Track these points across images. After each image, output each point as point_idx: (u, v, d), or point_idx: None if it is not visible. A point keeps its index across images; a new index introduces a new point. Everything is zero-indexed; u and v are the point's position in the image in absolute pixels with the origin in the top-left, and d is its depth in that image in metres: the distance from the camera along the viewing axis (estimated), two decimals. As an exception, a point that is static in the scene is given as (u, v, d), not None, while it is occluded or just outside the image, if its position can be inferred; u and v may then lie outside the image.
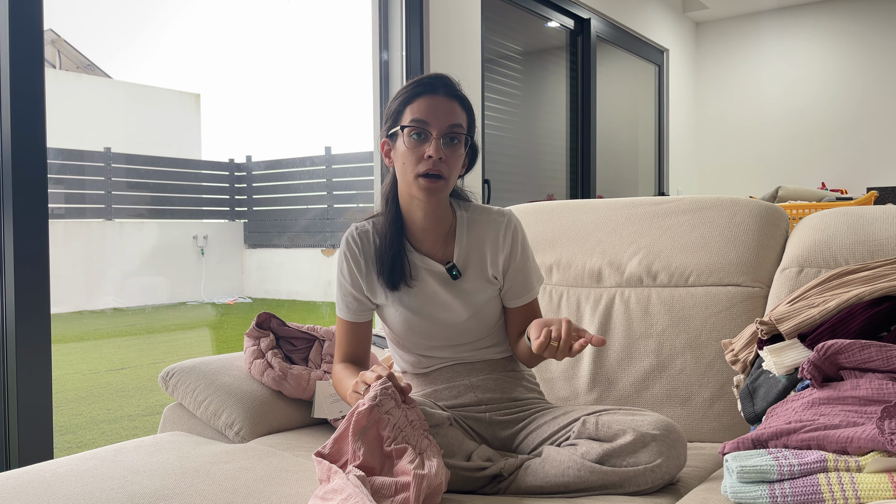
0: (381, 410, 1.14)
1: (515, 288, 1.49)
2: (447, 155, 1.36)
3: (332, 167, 6.00)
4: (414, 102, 1.37)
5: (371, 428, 1.13)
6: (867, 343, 1.15)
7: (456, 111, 1.38)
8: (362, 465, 1.10)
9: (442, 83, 1.39)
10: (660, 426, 1.24)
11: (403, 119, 1.38)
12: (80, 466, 1.29)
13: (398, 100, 1.40)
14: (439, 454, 1.17)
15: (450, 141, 1.37)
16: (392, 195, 1.45)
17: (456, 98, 1.39)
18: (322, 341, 1.81)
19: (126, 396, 4.07)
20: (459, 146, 1.38)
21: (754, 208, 1.80)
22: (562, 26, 4.47)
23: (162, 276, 5.80)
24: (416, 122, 1.35)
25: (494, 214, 1.49)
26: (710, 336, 1.68)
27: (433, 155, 1.34)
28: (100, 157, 4.99)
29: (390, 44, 3.17)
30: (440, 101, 1.37)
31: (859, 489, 0.96)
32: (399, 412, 1.17)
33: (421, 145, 1.36)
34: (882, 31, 5.46)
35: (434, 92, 1.37)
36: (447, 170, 1.36)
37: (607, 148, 4.91)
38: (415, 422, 1.19)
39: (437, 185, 1.36)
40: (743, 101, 6.02)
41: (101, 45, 6.06)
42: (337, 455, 1.15)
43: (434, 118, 1.35)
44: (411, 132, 1.36)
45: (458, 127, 1.38)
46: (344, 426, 1.15)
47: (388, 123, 1.42)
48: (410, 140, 1.36)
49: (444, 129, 1.36)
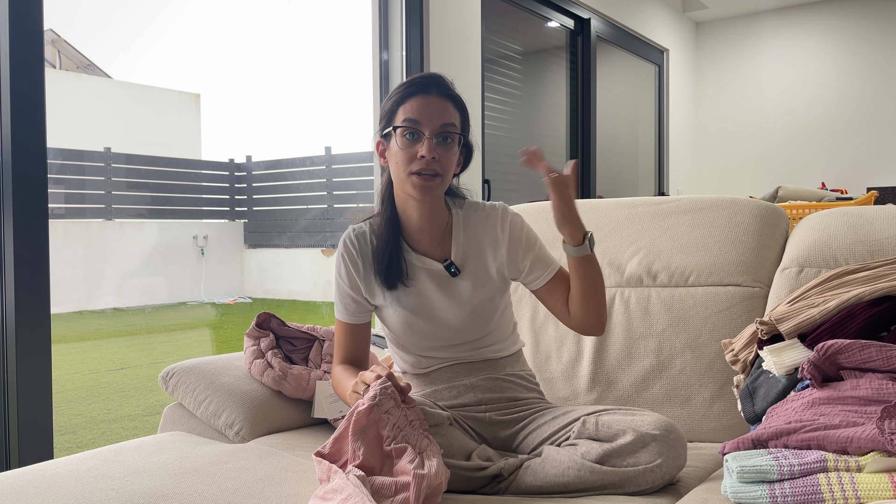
0: (381, 410, 1.14)
1: (538, 266, 1.48)
2: (440, 154, 1.36)
3: (332, 167, 6.00)
4: (406, 102, 1.37)
5: (371, 427, 1.13)
6: (867, 343, 1.15)
7: (449, 110, 1.38)
8: (362, 465, 1.10)
9: (434, 83, 1.39)
10: (660, 426, 1.24)
11: (396, 119, 1.38)
12: (80, 466, 1.29)
13: (391, 100, 1.41)
14: (439, 454, 1.17)
15: (443, 140, 1.37)
16: (388, 195, 1.46)
17: (449, 97, 1.40)
18: (322, 341, 1.82)
19: (126, 396, 4.07)
20: (453, 145, 1.39)
21: (754, 208, 1.80)
22: (562, 26, 4.47)
23: (162, 276, 5.80)
24: (408, 121, 1.36)
25: (488, 209, 1.50)
26: (710, 336, 1.68)
27: (426, 155, 1.34)
28: (100, 157, 5.00)
29: (390, 44, 3.17)
30: (432, 100, 1.37)
31: (859, 489, 0.96)
32: (399, 412, 1.17)
33: (413, 145, 1.36)
34: (882, 31, 5.46)
35: (426, 92, 1.38)
36: (441, 168, 1.36)
37: (607, 148, 4.91)
38: (414, 421, 1.19)
39: (431, 183, 1.36)
40: (743, 101, 6.02)
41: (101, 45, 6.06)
42: (337, 455, 1.15)
43: (426, 118, 1.36)
44: (404, 132, 1.36)
45: (451, 126, 1.38)
46: (343, 426, 1.15)
47: (382, 123, 1.42)
48: (403, 140, 1.36)
49: (436, 129, 1.36)
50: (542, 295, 1.51)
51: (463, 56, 3.37)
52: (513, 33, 4.11)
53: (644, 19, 5.28)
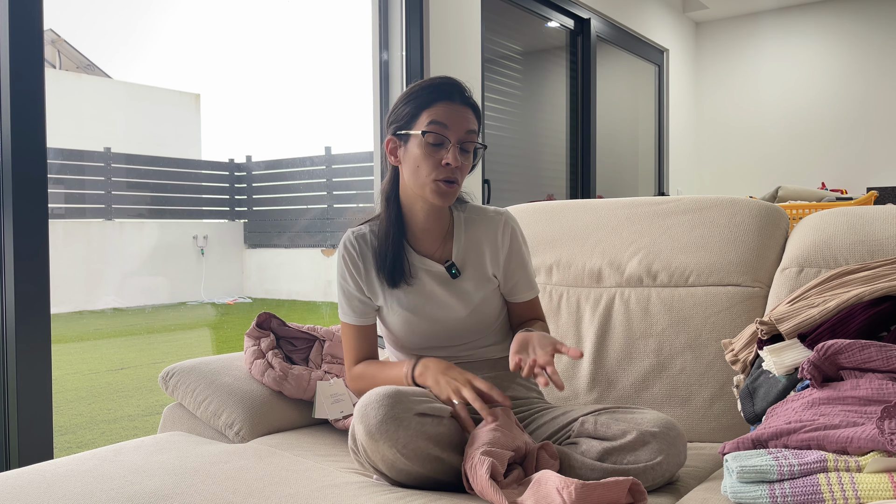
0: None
1: (520, 284, 1.52)
2: (462, 162, 1.38)
3: (332, 167, 6.00)
4: (432, 107, 1.37)
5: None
6: (867, 343, 1.15)
7: (470, 119, 1.40)
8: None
9: (457, 90, 1.40)
10: (660, 424, 1.24)
11: (420, 122, 1.38)
12: (80, 466, 1.29)
13: (413, 101, 1.40)
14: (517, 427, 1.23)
15: (464, 149, 1.39)
16: (393, 194, 1.46)
17: (469, 105, 1.41)
18: (322, 341, 1.81)
19: (126, 396, 4.07)
20: (471, 154, 1.41)
21: (754, 208, 1.80)
22: (562, 26, 4.47)
23: (162, 276, 5.80)
24: (436, 126, 1.36)
25: (491, 214, 1.51)
26: (710, 336, 1.68)
27: (451, 163, 1.35)
28: (100, 157, 5.00)
29: (390, 44, 3.17)
30: (457, 108, 1.38)
31: (859, 489, 0.96)
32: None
33: (438, 151, 1.37)
34: (882, 31, 5.46)
35: (451, 99, 1.38)
36: (461, 176, 1.39)
37: (607, 148, 4.91)
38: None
39: (452, 190, 1.38)
40: (743, 101, 6.02)
41: (101, 45, 6.06)
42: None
43: (453, 125, 1.37)
44: (430, 137, 1.36)
45: (473, 134, 1.40)
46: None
47: (400, 123, 1.41)
48: (428, 146, 1.37)
49: (461, 137, 1.37)
50: (509, 307, 1.56)
51: (463, 56, 3.37)
52: (513, 33, 4.11)
53: (644, 19, 5.28)
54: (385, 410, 1.16)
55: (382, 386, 1.22)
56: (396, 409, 1.17)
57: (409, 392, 1.21)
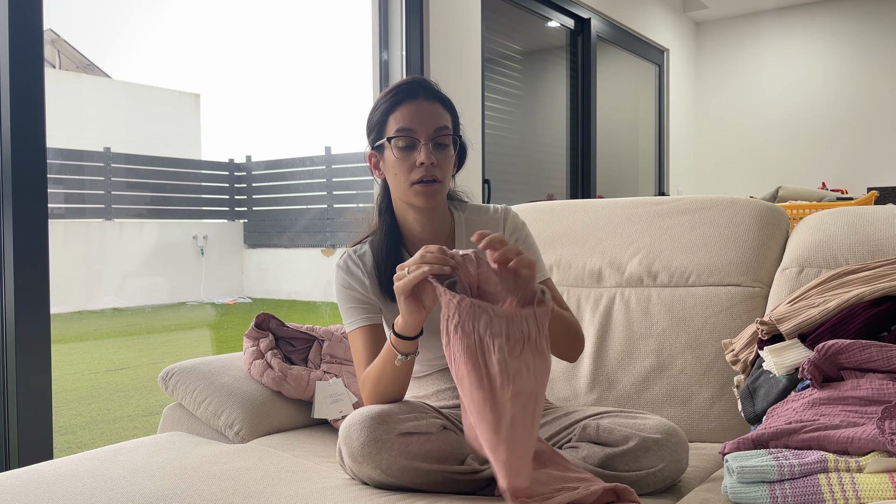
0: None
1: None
2: (438, 159, 1.34)
3: (332, 167, 6.00)
4: (396, 111, 1.35)
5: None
6: (868, 343, 1.15)
7: (440, 113, 1.36)
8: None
9: (421, 87, 1.37)
10: (662, 430, 1.23)
11: (388, 129, 1.35)
12: (80, 466, 1.29)
13: (379, 110, 1.37)
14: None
15: (439, 145, 1.35)
16: (386, 206, 1.43)
17: (437, 99, 1.37)
18: (321, 341, 1.81)
19: (126, 396, 4.06)
20: (449, 148, 1.37)
21: (754, 208, 1.80)
22: (562, 26, 4.47)
23: (162, 276, 5.80)
24: (401, 131, 1.33)
25: (491, 212, 1.49)
26: (711, 336, 1.68)
27: (425, 161, 1.32)
28: (100, 157, 4.99)
29: (390, 44, 3.17)
30: (422, 105, 1.35)
31: (860, 489, 0.96)
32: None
33: (411, 154, 1.33)
34: (882, 31, 5.46)
35: (414, 97, 1.35)
36: (441, 173, 1.34)
37: (607, 148, 4.91)
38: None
39: (433, 188, 1.34)
40: (743, 101, 6.02)
41: (101, 45, 6.05)
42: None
43: (420, 124, 1.33)
44: (399, 142, 1.34)
45: (445, 129, 1.36)
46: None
47: (373, 135, 1.39)
48: (399, 150, 1.34)
49: (431, 134, 1.34)
50: None
51: (463, 56, 3.37)
52: (513, 33, 4.11)
53: (644, 19, 5.28)
54: (367, 433, 1.15)
55: (367, 406, 1.21)
56: (378, 430, 1.15)
57: (393, 412, 1.19)
